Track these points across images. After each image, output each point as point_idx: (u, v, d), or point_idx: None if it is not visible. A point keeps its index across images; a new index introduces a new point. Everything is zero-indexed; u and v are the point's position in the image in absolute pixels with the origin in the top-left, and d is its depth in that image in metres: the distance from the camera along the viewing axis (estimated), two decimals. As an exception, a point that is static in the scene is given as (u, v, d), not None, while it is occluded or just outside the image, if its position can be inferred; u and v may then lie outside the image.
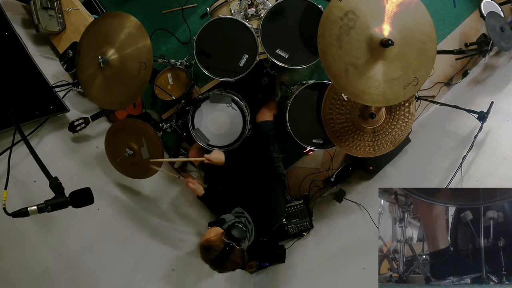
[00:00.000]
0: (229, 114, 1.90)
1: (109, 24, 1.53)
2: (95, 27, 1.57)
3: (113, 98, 1.59)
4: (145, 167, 1.79)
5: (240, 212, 1.53)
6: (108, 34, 1.53)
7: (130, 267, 1.65)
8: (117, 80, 1.54)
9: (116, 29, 1.51)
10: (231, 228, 1.36)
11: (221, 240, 1.32)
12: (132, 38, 1.49)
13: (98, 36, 1.55)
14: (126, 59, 1.51)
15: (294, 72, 2.38)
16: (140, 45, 1.49)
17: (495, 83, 2.20)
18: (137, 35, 1.49)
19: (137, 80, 1.50)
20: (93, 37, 1.57)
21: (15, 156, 1.36)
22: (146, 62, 1.47)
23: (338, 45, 1.29)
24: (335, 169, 2.56)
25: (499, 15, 2.14)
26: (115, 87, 1.56)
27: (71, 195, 1.03)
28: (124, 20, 1.50)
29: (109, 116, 2.23)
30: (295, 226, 2.33)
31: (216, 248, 1.30)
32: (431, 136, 2.26)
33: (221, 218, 1.45)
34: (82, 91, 2.03)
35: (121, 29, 1.50)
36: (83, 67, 1.60)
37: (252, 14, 1.72)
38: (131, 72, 1.50)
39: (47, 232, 1.38)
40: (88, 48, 1.58)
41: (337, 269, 1.86)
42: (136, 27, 1.49)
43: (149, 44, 1.47)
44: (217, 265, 1.33)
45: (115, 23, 1.52)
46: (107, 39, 1.53)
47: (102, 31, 1.54)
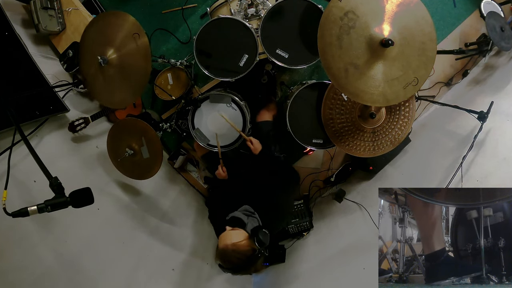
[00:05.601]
0: (229, 114, 1.90)
1: (107, 23, 1.54)
2: (94, 27, 1.58)
3: (124, 89, 1.58)
4: (146, 167, 1.79)
5: (250, 211, 1.44)
6: (107, 34, 1.53)
7: (130, 267, 1.66)
8: (121, 74, 1.54)
9: (115, 29, 1.51)
10: (257, 232, 1.26)
11: (251, 245, 1.24)
12: (130, 38, 1.49)
13: (98, 36, 1.55)
14: (125, 57, 1.51)
15: (294, 72, 2.38)
16: (138, 42, 1.48)
17: (495, 83, 2.20)
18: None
19: (138, 52, 1.47)
20: (94, 37, 1.58)
21: (15, 156, 1.36)
22: (139, 32, 1.46)
23: (338, 45, 1.29)
24: (335, 169, 2.55)
25: (499, 15, 2.14)
26: (121, 81, 1.57)
27: (71, 195, 1.03)
28: (121, 19, 1.50)
29: (109, 116, 2.23)
30: (295, 226, 2.33)
31: (245, 253, 1.23)
32: (431, 136, 2.26)
33: (237, 218, 1.36)
34: (83, 91, 2.05)
35: (120, 29, 1.50)
36: (86, 66, 1.61)
37: (252, 14, 1.72)
38: (132, 63, 1.50)
39: (47, 232, 1.38)
40: (90, 48, 1.58)
41: (337, 269, 1.86)
42: (133, 25, 1.49)
43: (147, 44, 1.47)
44: (240, 269, 1.26)
45: (112, 23, 1.52)
46: (106, 39, 1.53)
47: (101, 31, 1.55)
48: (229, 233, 1.30)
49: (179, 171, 2.55)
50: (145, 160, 1.76)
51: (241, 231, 1.29)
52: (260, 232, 1.27)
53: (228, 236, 1.28)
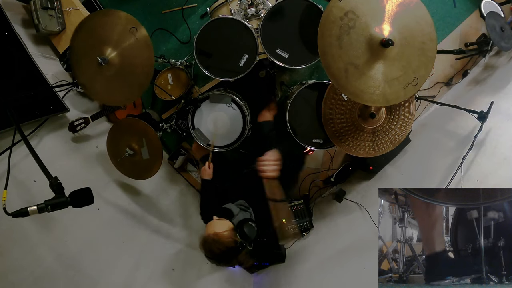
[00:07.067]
0: (229, 114, 1.90)
1: (100, 23, 1.50)
2: (83, 31, 1.53)
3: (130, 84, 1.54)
4: (145, 167, 1.79)
5: (245, 206, 1.42)
6: (101, 34, 1.49)
7: (130, 266, 1.66)
8: (124, 70, 1.51)
9: (109, 27, 1.48)
10: (243, 225, 1.23)
11: (232, 237, 1.21)
12: (126, 33, 1.46)
13: (92, 37, 1.51)
14: (126, 51, 1.48)
15: (294, 72, 2.38)
16: (138, 36, 1.46)
17: (495, 83, 2.20)
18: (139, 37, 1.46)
19: (139, 45, 1.45)
20: (87, 38, 1.53)
21: (15, 156, 1.36)
22: (135, 26, 1.44)
23: (338, 45, 1.29)
24: (335, 169, 2.55)
25: (499, 15, 2.14)
26: (125, 76, 1.53)
27: (71, 195, 1.03)
28: (113, 17, 1.47)
29: (109, 116, 2.23)
30: (295, 226, 2.33)
31: (225, 244, 1.20)
32: (431, 136, 2.26)
33: (227, 208, 1.33)
34: (83, 91, 2.04)
35: (113, 27, 1.47)
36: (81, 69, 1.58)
37: (252, 14, 1.72)
38: (136, 55, 1.47)
39: (47, 232, 1.38)
40: (84, 50, 1.54)
41: (337, 269, 1.86)
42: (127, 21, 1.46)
43: (146, 34, 1.45)
44: (221, 260, 1.24)
45: (106, 22, 1.49)
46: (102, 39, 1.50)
47: (95, 32, 1.51)
48: (213, 223, 1.28)
49: (179, 171, 2.55)
50: (145, 160, 1.76)
51: (226, 222, 1.27)
52: (245, 225, 1.24)
53: (212, 225, 1.27)
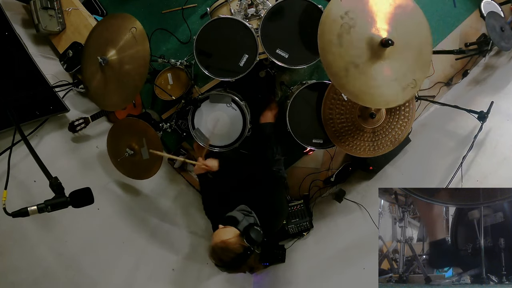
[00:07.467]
0: (229, 114, 1.90)
1: (113, 25, 1.55)
2: (101, 27, 1.59)
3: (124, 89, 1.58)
4: (145, 167, 1.79)
5: (247, 210, 1.44)
6: (111, 36, 1.53)
7: (130, 267, 1.66)
8: (119, 76, 1.55)
9: (119, 31, 1.52)
10: (249, 230, 1.26)
11: (240, 242, 1.24)
12: (133, 41, 1.50)
13: (102, 37, 1.57)
14: (125, 60, 1.51)
15: (294, 72, 2.38)
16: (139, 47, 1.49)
17: (495, 83, 2.20)
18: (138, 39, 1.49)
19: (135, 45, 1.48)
20: (98, 38, 1.59)
21: (15, 156, 1.36)
22: (136, 27, 1.48)
23: (338, 43, 1.29)
24: (335, 169, 2.55)
25: (499, 15, 2.14)
26: (119, 84, 1.57)
27: (71, 195, 1.03)
28: (127, 22, 1.51)
29: (109, 116, 2.23)
30: (295, 226, 2.33)
31: (234, 251, 1.23)
32: (431, 136, 2.26)
33: (232, 216, 1.36)
34: (83, 91, 2.04)
35: (124, 32, 1.51)
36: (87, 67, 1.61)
37: (252, 14, 1.72)
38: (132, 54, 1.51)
39: (47, 232, 1.38)
40: (93, 49, 1.59)
41: (337, 269, 1.86)
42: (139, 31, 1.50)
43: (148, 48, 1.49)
44: (231, 267, 1.27)
45: (119, 25, 1.53)
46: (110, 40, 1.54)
47: (105, 32, 1.56)
48: (220, 231, 1.31)
49: (179, 171, 2.55)
50: (145, 160, 1.76)
51: (232, 229, 1.29)
52: (251, 230, 1.27)
53: (219, 234, 1.29)
